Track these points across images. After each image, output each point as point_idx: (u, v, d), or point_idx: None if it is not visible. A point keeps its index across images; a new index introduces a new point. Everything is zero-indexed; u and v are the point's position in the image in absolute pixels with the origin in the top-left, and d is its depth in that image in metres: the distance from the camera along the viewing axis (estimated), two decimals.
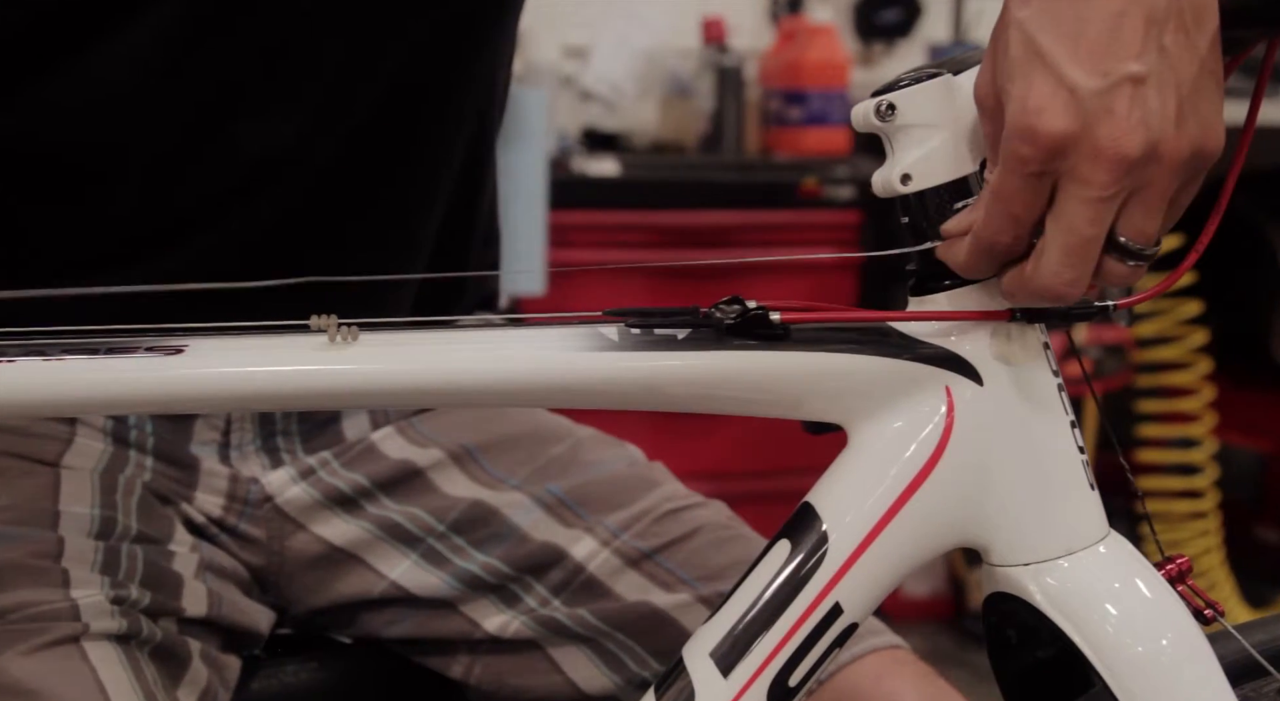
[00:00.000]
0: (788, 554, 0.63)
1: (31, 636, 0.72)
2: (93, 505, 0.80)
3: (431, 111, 0.86)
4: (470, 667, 0.88)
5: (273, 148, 0.81)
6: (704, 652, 0.63)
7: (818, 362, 0.62)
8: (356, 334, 0.62)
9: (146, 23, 0.77)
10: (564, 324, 0.64)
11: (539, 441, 0.93)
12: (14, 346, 0.59)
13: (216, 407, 0.79)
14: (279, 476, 0.87)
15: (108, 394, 0.59)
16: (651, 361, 0.62)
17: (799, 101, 2.81)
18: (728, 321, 0.62)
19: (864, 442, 0.63)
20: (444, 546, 0.88)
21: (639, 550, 0.87)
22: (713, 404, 0.65)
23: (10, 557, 0.75)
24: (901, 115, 0.61)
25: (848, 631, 0.63)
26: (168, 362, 0.60)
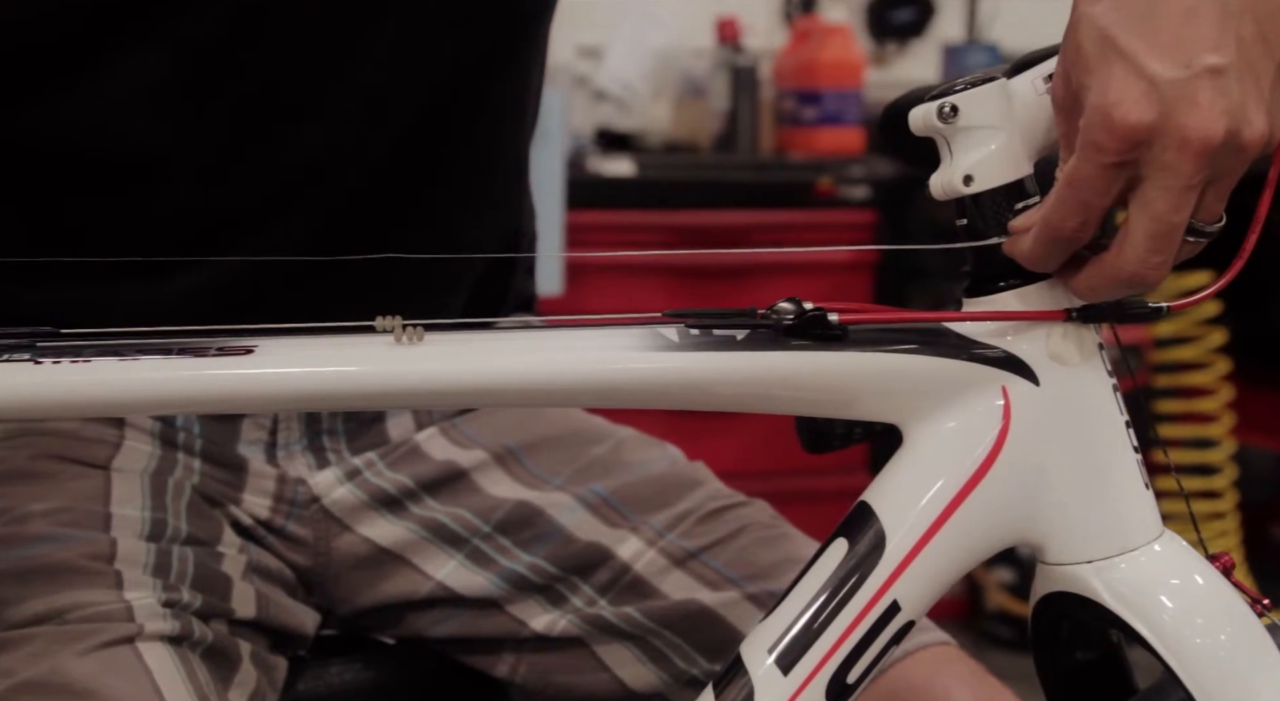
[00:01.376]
0: (845, 552, 0.64)
1: (87, 637, 0.72)
2: (143, 507, 0.81)
3: (474, 113, 0.87)
4: (516, 666, 0.89)
5: (318, 150, 0.82)
6: (762, 650, 0.64)
7: (875, 363, 0.63)
8: (422, 334, 0.62)
9: (192, 22, 0.77)
10: (620, 325, 0.65)
11: (580, 442, 0.94)
12: (89, 347, 0.60)
13: (287, 407, 0.80)
14: (326, 477, 0.88)
15: (181, 394, 0.60)
16: (712, 362, 0.63)
17: (813, 101, 2.81)
18: (786, 322, 0.63)
19: (920, 442, 0.64)
20: (489, 547, 0.89)
21: (685, 549, 0.88)
22: (770, 404, 0.66)
23: (64, 558, 0.76)
24: (963, 117, 0.61)
25: (905, 629, 0.63)
26: (239, 363, 0.61)
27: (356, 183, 0.84)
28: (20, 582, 0.74)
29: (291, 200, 0.82)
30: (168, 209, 0.81)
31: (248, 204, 0.82)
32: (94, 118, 0.78)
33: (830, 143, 2.75)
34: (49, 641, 0.72)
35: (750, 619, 0.85)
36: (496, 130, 0.90)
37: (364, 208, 0.85)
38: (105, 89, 0.77)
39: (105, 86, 0.77)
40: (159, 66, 0.77)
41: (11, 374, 0.58)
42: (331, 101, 0.81)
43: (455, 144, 0.87)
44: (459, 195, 0.89)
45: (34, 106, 0.78)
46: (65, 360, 0.59)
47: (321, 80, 0.81)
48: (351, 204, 0.84)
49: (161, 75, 0.78)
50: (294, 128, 0.81)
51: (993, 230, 0.62)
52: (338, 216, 0.84)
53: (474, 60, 0.85)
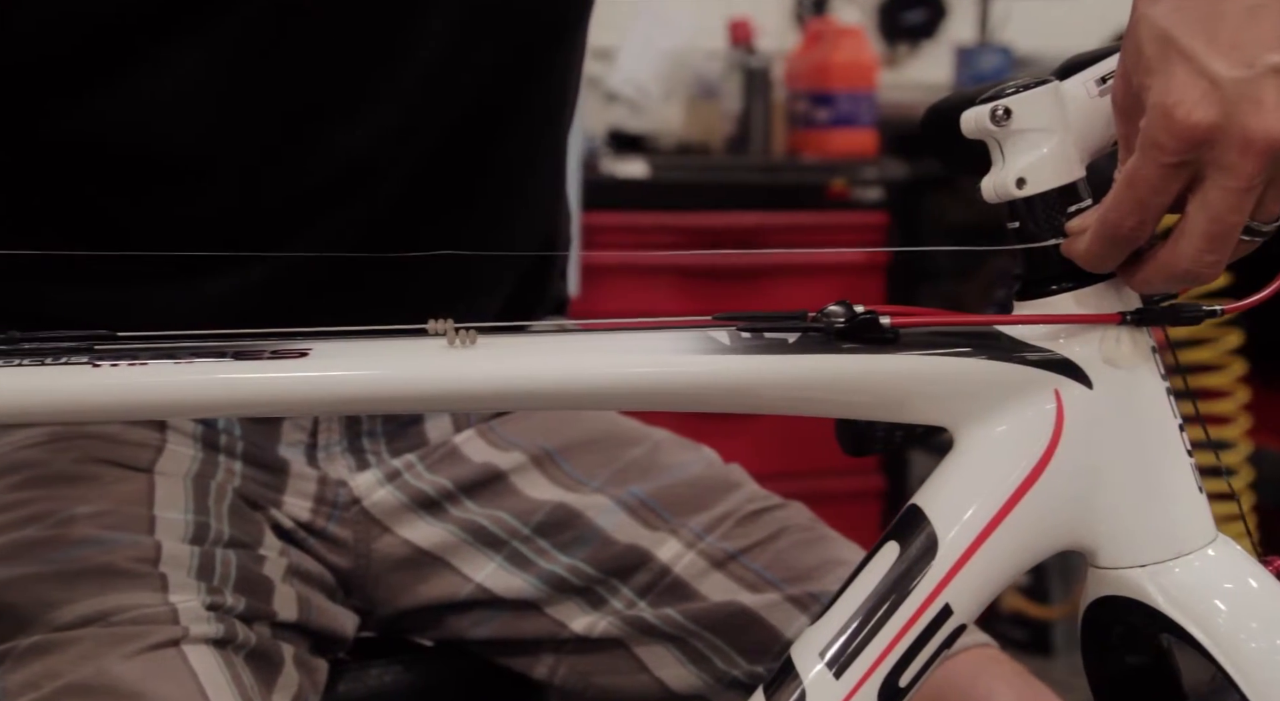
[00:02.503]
0: (896, 555, 0.64)
1: (133, 639, 0.72)
2: (186, 510, 0.81)
3: (514, 115, 0.87)
4: (555, 668, 0.89)
5: (359, 151, 0.82)
6: (813, 653, 0.64)
7: (927, 366, 0.63)
8: (474, 337, 0.62)
9: (235, 20, 0.77)
10: (669, 328, 0.65)
11: (617, 444, 0.94)
12: (145, 349, 0.60)
13: (343, 410, 0.80)
14: (366, 479, 0.88)
15: (237, 396, 0.61)
16: (764, 365, 0.63)
17: (826, 103, 2.81)
18: (838, 325, 0.63)
19: (972, 445, 0.64)
20: (528, 549, 0.89)
21: (724, 551, 0.88)
22: (821, 407, 0.66)
23: (109, 561, 0.76)
24: (1017, 120, 0.62)
25: (957, 632, 0.64)
26: (294, 366, 0.61)
27: (396, 184, 0.84)
28: (66, 585, 0.74)
29: (331, 201, 0.82)
30: (208, 210, 0.81)
31: (287, 205, 0.82)
32: (136, 118, 0.78)
33: (843, 144, 2.76)
34: (95, 643, 0.72)
35: (791, 621, 0.86)
36: (535, 133, 0.90)
37: (403, 209, 0.85)
38: (148, 89, 0.77)
39: (148, 87, 0.77)
40: (203, 67, 0.77)
41: (71, 376, 0.59)
42: (373, 103, 0.81)
43: (495, 146, 0.87)
44: (498, 198, 0.89)
45: (76, 107, 0.78)
46: (123, 363, 0.59)
47: (364, 81, 0.81)
48: (391, 205, 0.84)
49: (205, 75, 0.78)
50: (336, 129, 0.81)
51: (1045, 233, 0.62)
52: (377, 218, 0.84)
53: (514, 62, 0.85)
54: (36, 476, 0.80)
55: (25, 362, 0.59)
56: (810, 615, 0.86)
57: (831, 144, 2.76)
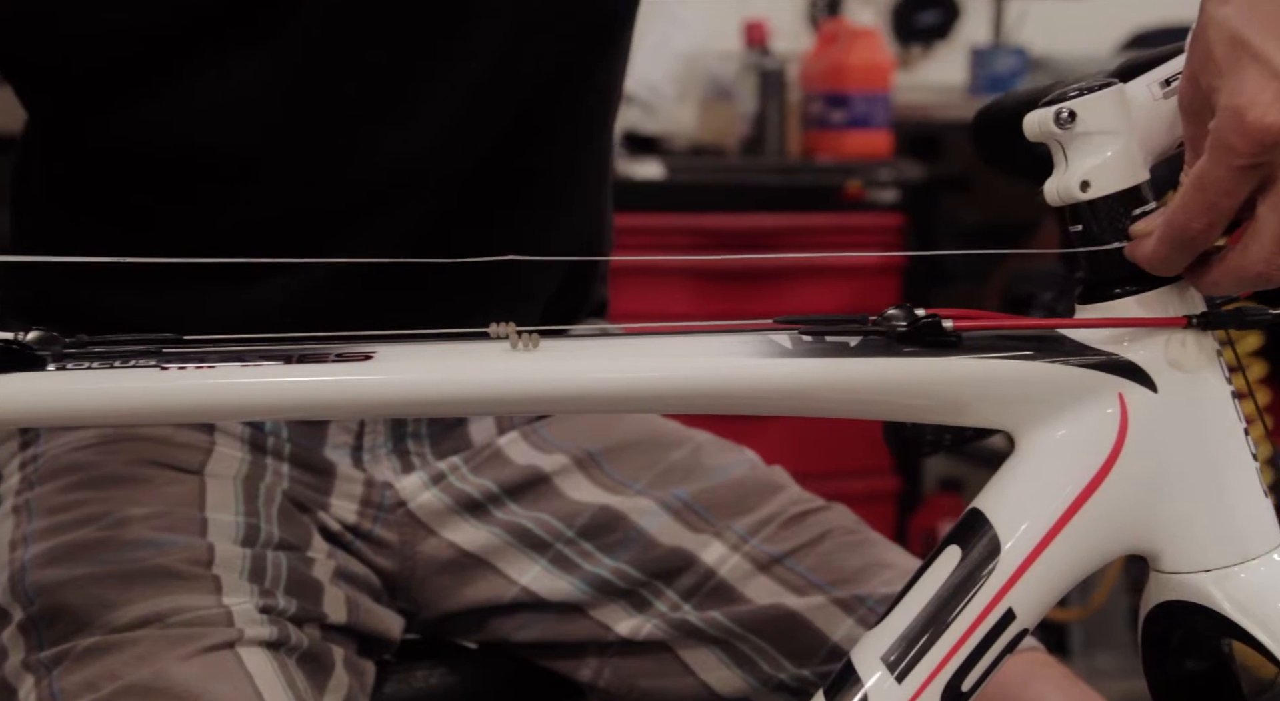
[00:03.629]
0: (958, 560, 0.64)
1: (189, 641, 0.72)
2: (236, 512, 0.81)
3: (562, 118, 0.87)
4: (600, 671, 0.89)
5: (414, 154, 0.82)
6: (875, 657, 0.64)
7: (990, 369, 0.63)
8: (537, 340, 0.62)
9: (292, 25, 0.77)
10: (729, 331, 0.65)
11: (659, 446, 0.94)
12: (212, 353, 0.60)
13: (407, 413, 0.80)
14: (412, 481, 0.88)
15: (303, 400, 0.60)
16: (827, 369, 0.63)
17: (841, 104, 2.81)
18: (900, 329, 0.63)
19: (1034, 449, 0.64)
20: (573, 552, 0.89)
21: (769, 554, 0.88)
22: (882, 410, 0.66)
23: (163, 563, 0.76)
24: (1081, 123, 0.61)
25: (1019, 637, 0.63)
26: (359, 369, 0.61)
27: (446, 188, 0.84)
28: (122, 586, 0.74)
29: (381, 206, 0.83)
30: (261, 214, 0.81)
31: (339, 210, 0.82)
32: (192, 124, 0.78)
33: (858, 146, 2.75)
34: (152, 645, 0.72)
35: (837, 623, 0.86)
36: (581, 137, 0.90)
37: (452, 213, 0.85)
38: (205, 95, 0.78)
39: (205, 93, 0.77)
40: (259, 72, 0.77)
41: (140, 379, 0.59)
42: (425, 107, 0.81)
43: (542, 151, 0.87)
44: (544, 202, 0.89)
45: (133, 113, 0.78)
46: (190, 366, 0.59)
47: (417, 85, 0.81)
48: (440, 209, 0.84)
49: (262, 80, 0.78)
50: (388, 133, 0.81)
51: (1109, 236, 0.62)
52: (426, 222, 0.84)
53: (563, 68, 0.85)
54: (89, 478, 0.80)
55: (95, 366, 0.59)
56: (856, 617, 0.86)
57: (846, 145, 2.75)
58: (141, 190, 0.81)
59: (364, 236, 0.83)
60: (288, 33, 0.77)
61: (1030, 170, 0.81)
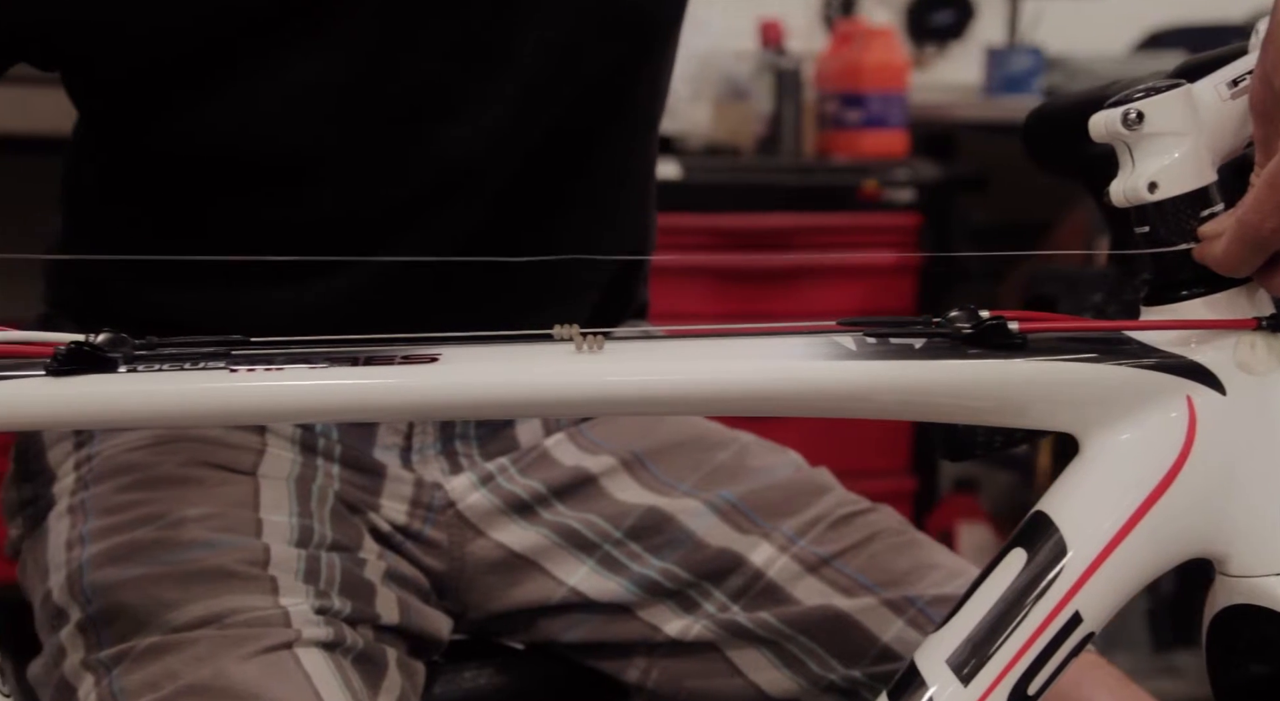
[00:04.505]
0: (1024, 562, 0.63)
1: (248, 642, 0.72)
2: (290, 513, 0.81)
3: (612, 117, 0.88)
4: (648, 671, 0.89)
5: (466, 153, 0.82)
6: (940, 660, 0.64)
7: (1056, 371, 0.63)
8: (602, 343, 0.62)
9: (344, 25, 0.77)
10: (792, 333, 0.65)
11: (705, 447, 0.94)
12: (279, 355, 0.60)
13: (473, 415, 0.80)
14: (461, 482, 0.88)
15: (371, 402, 0.60)
16: (892, 371, 0.63)
17: (857, 104, 2.81)
18: (966, 331, 0.63)
19: (1101, 452, 0.64)
20: (620, 552, 0.89)
21: (817, 555, 0.88)
22: (945, 412, 0.66)
23: (221, 563, 0.76)
24: (1149, 124, 0.61)
25: (1085, 640, 0.63)
26: (425, 372, 0.61)
27: (496, 188, 0.84)
28: (180, 586, 0.74)
29: (432, 205, 0.83)
30: (314, 214, 0.82)
31: (391, 209, 0.82)
32: (247, 124, 0.78)
33: (874, 145, 2.75)
34: (211, 645, 0.72)
35: (888, 624, 0.85)
36: (629, 138, 0.90)
37: (501, 213, 0.85)
38: (260, 95, 0.77)
39: (260, 93, 0.77)
40: (314, 72, 0.77)
41: (210, 381, 0.59)
42: (477, 106, 0.81)
43: (591, 151, 0.87)
44: (592, 202, 0.89)
45: (189, 114, 0.78)
46: (259, 368, 0.59)
47: (469, 82, 0.81)
48: (490, 209, 0.84)
49: (320, 78, 0.78)
50: (440, 131, 0.81)
51: (1176, 237, 0.62)
52: (475, 222, 0.84)
53: (613, 67, 0.85)
54: (144, 478, 0.80)
55: (165, 367, 0.59)
56: (906, 619, 0.86)
57: (862, 145, 2.75)
58: (195, 190, 0.81)
59: (414, 237, 0.83)
60: (343, 32, 0.77)
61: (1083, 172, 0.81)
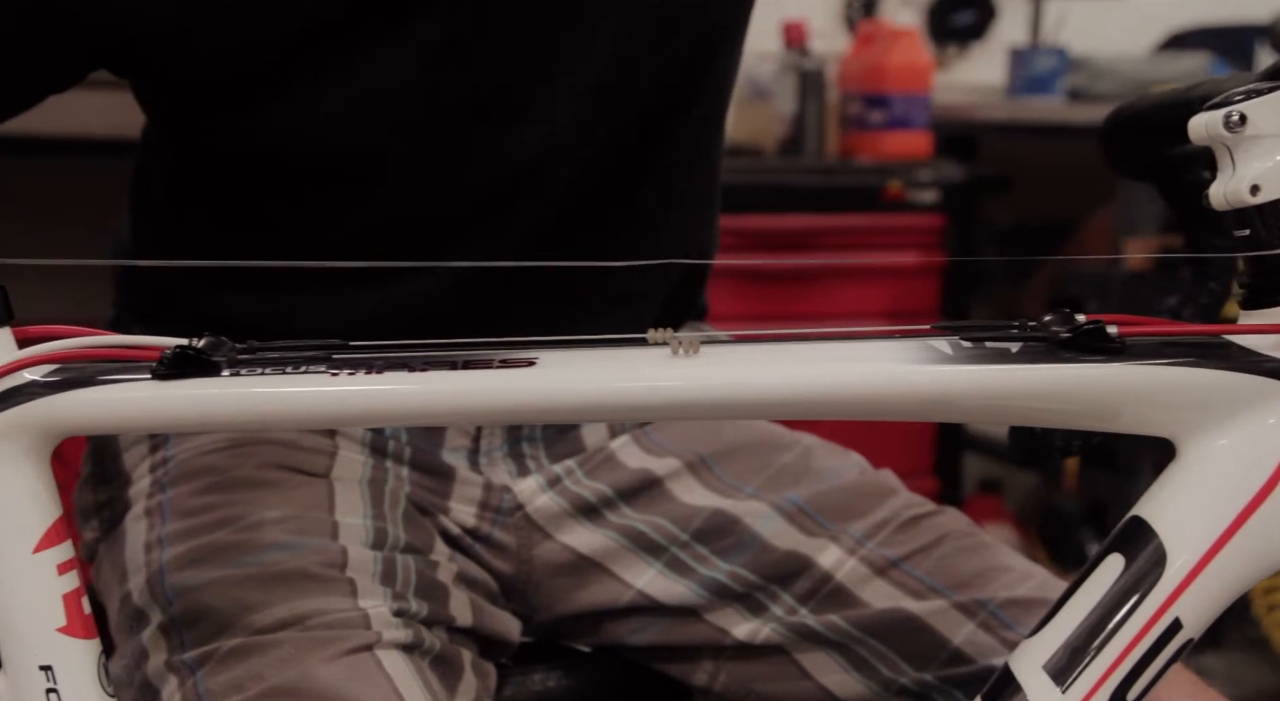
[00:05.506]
0: (1122, 568, 0.63)
1: (331, 644, 0.72)
2: (364, 516, 0.81)
3: (679, 119, 0.87)
4: (715, 675, 0.89)
5: (534, 154, 0.81)
6: (1036, 666, 0.63)
7: (1155, 376, 0.62)
8: (697, 346, 0.62)
9: (416, 27, 0.77)
10: (887, 337, 0.64)
11: (769, 449, 0.93)
12: (378, 359, 0.60)
13: (572, 419, 0.80)
14: (529, 484, 0.88)
15: (471, 405, 0.60)
16: (988, 375, 0.62)
17: (881, 105, 2.80)
18: (1063, 335, 0.63)
19: (1200, 457, 0.63)
20: (687, 555, 0.89)
21: (885, 558, 0.88)
22: (1040, 416, 0.65)
23: (300, 566, 0.76)
24: (1251, 126, 0.61)
25: (1185, 647, 0.63)
26: (524, 375, 0.60)
27: (566, 187, 0.83)
28: (261, 588, 0.74)
29: (504, 205, 0.82)
30: (384, 216, 0.81)
31: (460, 210, 0.82)
32: (320, 125, 0.78)
33: (897, 146, 2.75)
34: (295, 647, 0.72)
35: (958, 627, 0.85)
36: (697, 138, 0.90)
37: (570, 212, 0.84)
38: (332, 95, 0.77)
39: (332, 93, 0.77)
40: (390, 71, 0.77)
41: (313, 385, 0.58)
42: (549, 105, 0.81)
43: (656, 152, 0.87)
44: (656, 204, 0.89)
45: (261, 116, 0.77)
46: (359, 372, 0.59)
47: (541, 82, 0.80)
48: (559, 208, 0.84)
49: (392, 80, 0.77)
50: (511, 131, 0.80)
51: (1278, 240, 0.62)
52: (546, 221, 0.84)
53: (681, 66, 0.85)
54: (221, 481, 0.80)
55: (267, 371, 0.58)
56: (977, 622, 0.85)
57: (885, 146, 2.75)
58: (267, 194, 0.81)
59: (482, 238, 0.82)
60: (415, 34, 0.77)
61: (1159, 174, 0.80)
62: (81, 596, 0.59)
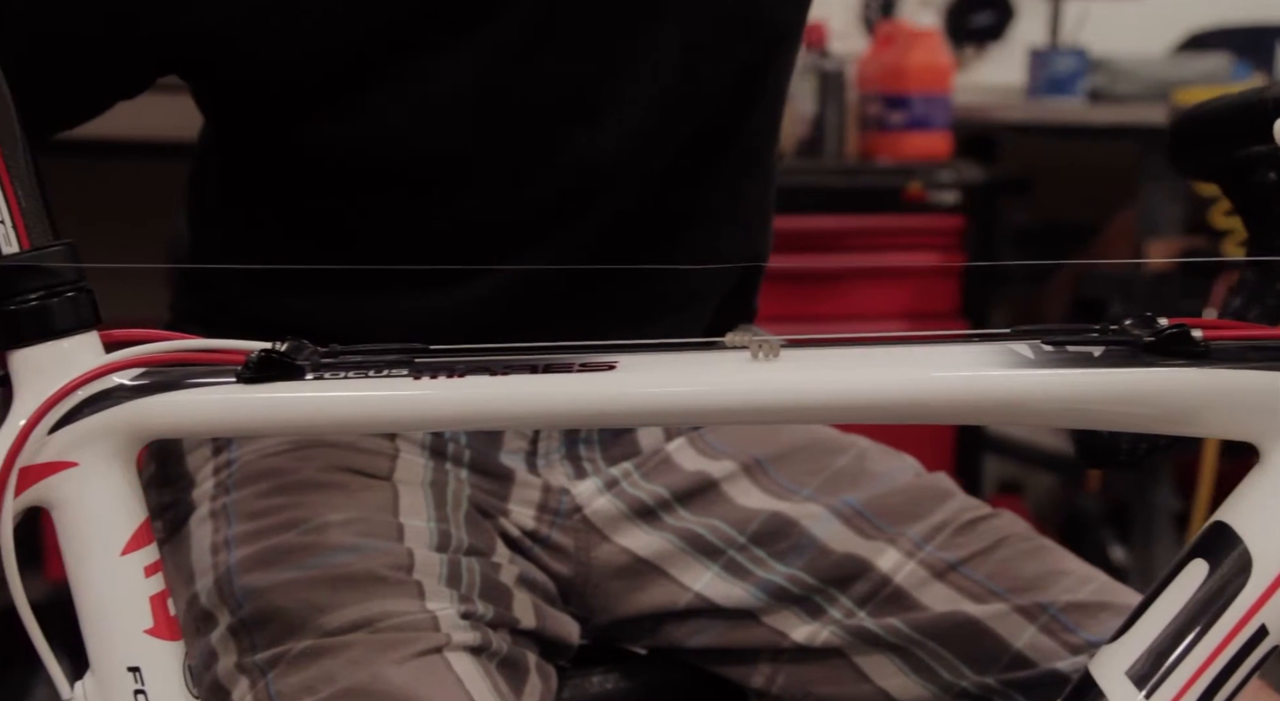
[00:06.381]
0: (1206, 574, 0.62)
1: (401, 646, 0.72)
2: (428, 518, 0.80)
3: (742, 122, 0.87)
4: (773, 677, 0.88)
5: (604, 155, 0.81)
6: (1118, 672, 0.63)
7: (1240, 380, 0.62)
8: (777, 350, 0.62)
9: (487, 30, 0.77)
10: (967, 340, 0.64)
11: (824, 452, 0.93)
12: (460, 363, 0.59)
13: (652, 422, 0.79)
14: (587, 487, 0.88)
15: (553, 409, 0.60)
16: (1072, 379, 0.62)
17: (901, 106, 2.80)
18: (1147, 339, 0.62)
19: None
20: (744, 558, 0.88)
21: (944, 561, 0.87)
22: (1121, 420, 0.65)
23: (368, 568, 0.75)
24: None
25: (1270, 654, 0.62)
26: (605, 379, 0.60)
27: (630, 190, 0.83)
28: (331, 590, 0.74)
29: (573, 208, 0.82)
30: (454, 218, 0.81)
31: (532, 212, 0.81)
32: (390, 129, 0.77)
33: (918, 147, 2.74)
34: (365, 649, 0.71)
35: (1020, 631, 0.84)
36: (757, 140, 0.89)
37: (633, 215, 0.84)
38: (403, 100, 0.76)
39: (403, 98, 0.76)
40: (460, 75, 0.76)
41: (395, 388, 0.58)
42: (616, 107, 0.80)
43: (720, 156, 0.86)
44: (717, 208, 0.88)
45: (331, 122, 0.77)
46: (441, 375, 0.59)
47: (609, 84, 0.80)
48: (623, 211, 0.83)
49: (462, 83, 0.77)
50: (579, 134, 0.80)
51: None
52: (610, 224, 0.83)
53: (747, 69, 0.84)
54: (285, 484, 0.80)
55: (350, 375, 0.58)
56: (1039, 625, 0.85)
57: (905, 147, 2.74)
58: (336, 198, 0.81)
59: (548, 242, 0.82)
60: (486, 37, 0.76)
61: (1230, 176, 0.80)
62: (167, 598, 0.59)
